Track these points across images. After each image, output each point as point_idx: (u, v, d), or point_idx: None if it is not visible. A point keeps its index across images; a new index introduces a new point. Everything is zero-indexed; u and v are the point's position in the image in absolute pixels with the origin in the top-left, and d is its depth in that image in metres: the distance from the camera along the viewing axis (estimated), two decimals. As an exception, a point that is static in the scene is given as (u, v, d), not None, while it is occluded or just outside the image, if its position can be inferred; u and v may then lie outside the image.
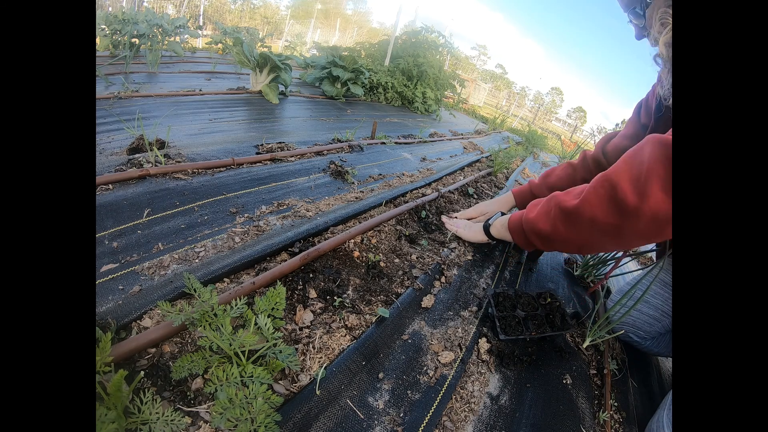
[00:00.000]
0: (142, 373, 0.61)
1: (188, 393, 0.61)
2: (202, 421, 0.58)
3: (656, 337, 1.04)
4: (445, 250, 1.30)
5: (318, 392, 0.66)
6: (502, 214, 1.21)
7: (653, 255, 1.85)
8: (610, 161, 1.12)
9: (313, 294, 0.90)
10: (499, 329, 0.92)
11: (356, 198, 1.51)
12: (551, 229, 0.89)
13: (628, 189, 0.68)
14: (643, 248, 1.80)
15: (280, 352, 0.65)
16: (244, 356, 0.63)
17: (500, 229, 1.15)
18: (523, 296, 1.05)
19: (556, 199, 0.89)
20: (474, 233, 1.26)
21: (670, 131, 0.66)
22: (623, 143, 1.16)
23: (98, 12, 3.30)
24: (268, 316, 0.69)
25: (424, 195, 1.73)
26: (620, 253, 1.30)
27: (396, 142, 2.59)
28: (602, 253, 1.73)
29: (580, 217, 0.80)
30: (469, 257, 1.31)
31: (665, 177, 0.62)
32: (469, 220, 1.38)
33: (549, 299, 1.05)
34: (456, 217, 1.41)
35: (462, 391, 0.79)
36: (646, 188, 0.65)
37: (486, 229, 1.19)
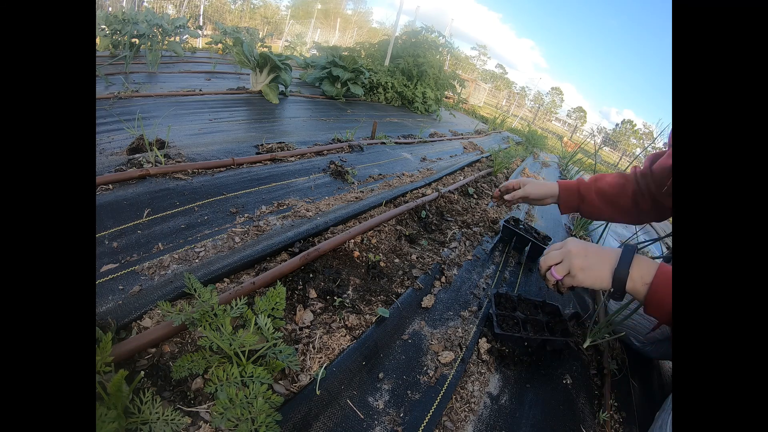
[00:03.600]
0: (142, 373, 0.61)
1: (188, 393, 0.61)
2: (202, 421, 0.58)
3: (655, 343, 1.05)
4: (445, 250, 1.30)
5: (318, 392, 0.66)
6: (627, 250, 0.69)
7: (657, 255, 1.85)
8: (656, 180, 1.06)
9: (313, 294, 0.90)
10: (495, 324, 0.91)
11: (356, 198, 1.51)
12: None
13: None
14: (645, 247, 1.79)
15: (280, 352, 0.65)
16: (244, 356, 0.63)
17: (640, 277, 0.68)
18: (525, 301, 1.03)
19: None
20: (596, 275, 0.70)
21: None
22: (668, 162, 1.08)
23: (98, 12, 3.30)
24: (268, 316, 0.69)
25: (424, 195, 1.73)
26: None
27: (396, 142, 2.59)
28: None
29: None
30: (469, 257, 1.31)
31: None
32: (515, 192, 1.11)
33: (553, 314, 1.00)
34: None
35: (462, 391, 0.79)
36: None
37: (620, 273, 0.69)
